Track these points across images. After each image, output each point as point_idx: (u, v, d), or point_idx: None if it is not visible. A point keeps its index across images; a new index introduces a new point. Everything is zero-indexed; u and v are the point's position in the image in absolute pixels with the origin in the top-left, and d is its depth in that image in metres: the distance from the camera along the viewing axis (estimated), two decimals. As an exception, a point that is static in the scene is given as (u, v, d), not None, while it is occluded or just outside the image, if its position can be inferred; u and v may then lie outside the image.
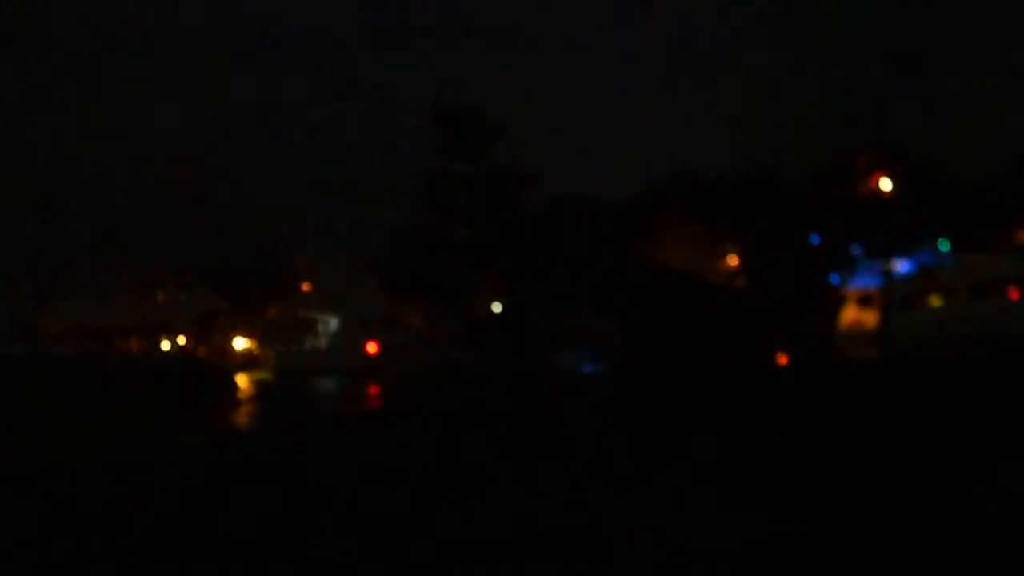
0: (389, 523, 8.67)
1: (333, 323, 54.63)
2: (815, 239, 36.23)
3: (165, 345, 61.66)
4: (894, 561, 6.68)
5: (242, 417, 27.60)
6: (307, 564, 7.61)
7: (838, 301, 36.42)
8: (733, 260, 38.45)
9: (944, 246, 36.32)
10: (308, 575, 7.39)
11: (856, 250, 37.02)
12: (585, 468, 10.94)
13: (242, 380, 47.22)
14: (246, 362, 57.72)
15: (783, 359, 25.62)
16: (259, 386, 43.01)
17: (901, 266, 36.65)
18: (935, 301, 33.50)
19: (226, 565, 7.77)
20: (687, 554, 7.08)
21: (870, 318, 36.02)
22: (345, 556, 7.70)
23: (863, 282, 37.19)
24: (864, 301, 36.79)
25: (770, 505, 8.44)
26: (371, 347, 50.75)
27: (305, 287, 63.61)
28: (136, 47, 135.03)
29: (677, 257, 33.08)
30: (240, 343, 61.22)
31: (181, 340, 61.96)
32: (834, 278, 37.13)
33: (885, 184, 38.59)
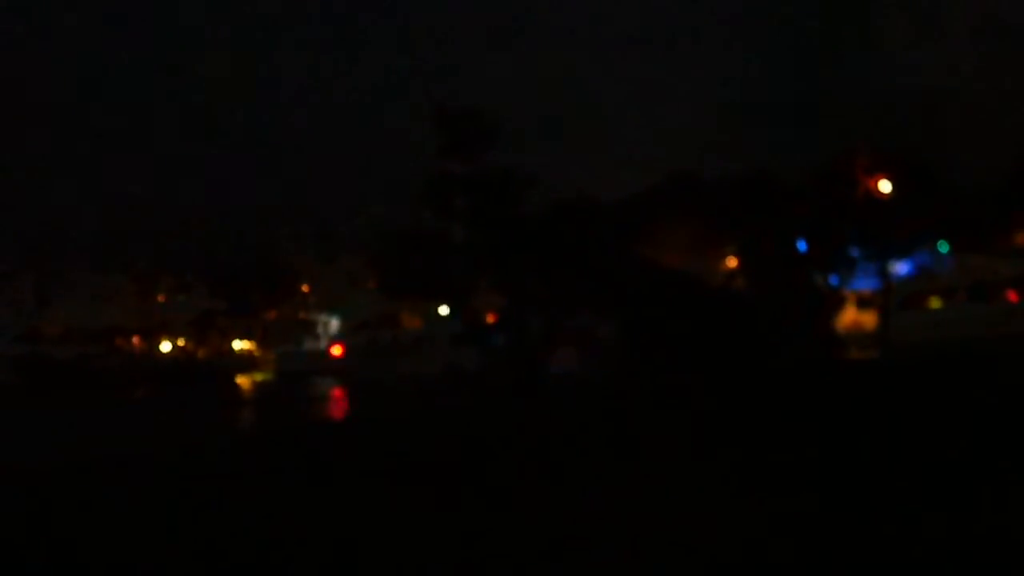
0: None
1: (333, 324, 54.51)
2: (811, 243, 36.35)
3: (165, 346, 61.71)
4: (895, 563, 6.72)
5: (241, 420, 27.60)
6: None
7: (838, 302, 36.49)
8: (732, 261, 38.50)
9: (943, 248, 36.38)
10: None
11: (855, 252, 37.11)
12: (584, 476, 10.92)
13: (242, 381, 47.23)
14: (245, 363, 57.79)
15: (781, 360, 25.67)
16: (257, 388, 43.01)
17: (900, 267, 36.73)
18: (934, 302, 33.60)
19: (226, 567, 7.80)
20: (691, 557, 7.10)
21: (869, 319, 36.09)
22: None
23: (862, 283, 37.26)
24: (863, 302, 36.85)
25: (772, 506, 8.46)
26: (336, 350, 48.15)
27: (304, 288, 63.69)
28: (133, 46, 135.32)
29: (676, 257, 33.09)
30: (239, 344, 61.34)
31: (180, 341, 62.03)
32: (833, 279, 37.21)
33: (884, 186, 38.64)
